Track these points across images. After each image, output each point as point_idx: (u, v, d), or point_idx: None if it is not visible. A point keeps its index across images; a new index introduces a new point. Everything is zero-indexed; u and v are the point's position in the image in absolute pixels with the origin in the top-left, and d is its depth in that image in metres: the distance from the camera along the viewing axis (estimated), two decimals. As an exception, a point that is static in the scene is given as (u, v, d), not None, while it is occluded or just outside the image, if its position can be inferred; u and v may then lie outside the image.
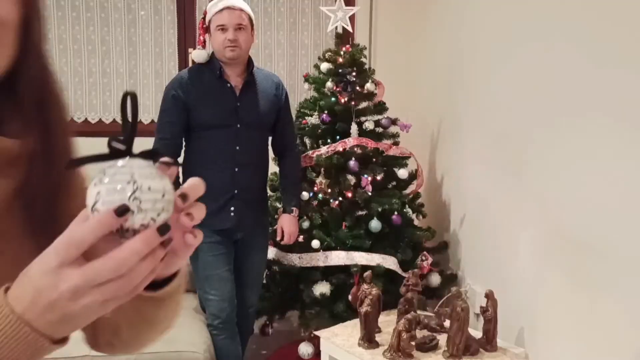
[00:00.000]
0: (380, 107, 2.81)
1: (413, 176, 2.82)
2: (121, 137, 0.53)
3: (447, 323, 2.02)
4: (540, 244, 2.01)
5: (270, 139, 2.63)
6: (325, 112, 2.74)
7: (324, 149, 2.68)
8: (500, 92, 2.33)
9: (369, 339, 2.03)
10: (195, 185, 0.55)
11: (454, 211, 2.85)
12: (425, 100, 3.23)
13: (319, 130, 2.78)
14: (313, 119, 2.79)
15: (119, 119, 1.31)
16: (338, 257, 2.55)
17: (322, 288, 2.55)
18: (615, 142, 1.61)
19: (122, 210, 0.49)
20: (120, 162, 0.51)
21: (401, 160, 2.81)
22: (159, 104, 2.50)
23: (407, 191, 2.82)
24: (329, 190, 2.65)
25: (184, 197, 0.54)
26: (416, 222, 2.83)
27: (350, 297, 2.47)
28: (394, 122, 2.78)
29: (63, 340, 0.54)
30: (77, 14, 3.30)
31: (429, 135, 3.13)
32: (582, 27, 1.76)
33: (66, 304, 0.49)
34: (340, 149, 2.66)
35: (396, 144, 2.82)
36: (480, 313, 2.08)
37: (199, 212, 0.54)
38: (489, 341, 2.01)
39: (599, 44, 1.68)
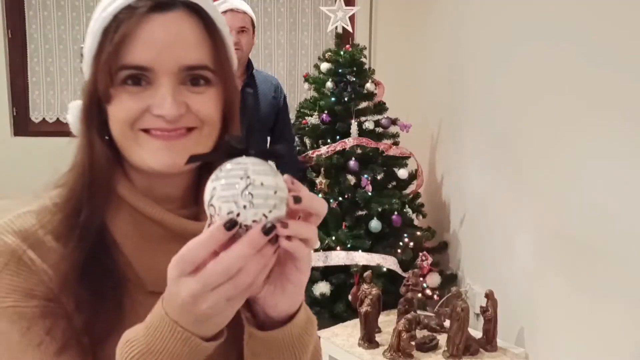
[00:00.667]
0: (380, 107, 2.81)
1: (413, 176, 2.82)
2: (238, 135, 0.55)
3: (447, 323, 2.02)
4: (540, 244, 2.01)
5: (268, 140, 2.63)
6: (325, 112, 2.73)
7: (324, 149, 2.68)
8: (500, 92, 2.33)
9: (369, 339, 2.02)
10: (314, 196, 0.57)
11: (454, 211, 2.85)
12: (425, 100, 3.23)
13: (319, 130, 2.77)
14: (313, 119, 2.79)
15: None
16: (338, 257, 2.55)
17: (322, 288, 2.54)
18: (616, 142, 1.61)
19: (231, 225, 0.51)
20: (236, 159, 0.53)
21: (401, 160, 2.80)
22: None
23: (407, 191, 2.82)
24: (329, 190, 2.65)
25: (296, 198, 0.55)
26: (416, 222, 2.83)
27: (350, 297, 2.47)
28: (394, 122, 2.78)
29: (216, 337, 0.58)
30: (77, 14, 3.30)
31: (429, 135, 3.13)
32: (582, 27, 1.76)
33: (192, 308, 0.53)
34: (340, 149, 2.66)
35: (396, 144, 2.82)
36: (480, 313, 2.08)
37: (299, 227, 0.54)
38: (489, 341, 2.01)
39: (599, 44, 1.68)
